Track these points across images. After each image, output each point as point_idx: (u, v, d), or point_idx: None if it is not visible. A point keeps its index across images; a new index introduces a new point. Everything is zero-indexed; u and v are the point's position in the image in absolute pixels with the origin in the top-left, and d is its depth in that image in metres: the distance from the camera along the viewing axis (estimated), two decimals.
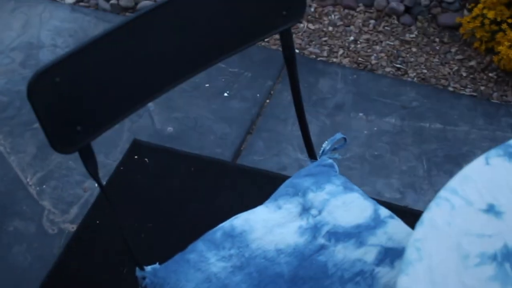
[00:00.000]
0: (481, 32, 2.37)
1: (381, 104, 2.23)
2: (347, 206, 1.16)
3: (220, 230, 1.15)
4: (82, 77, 0.94)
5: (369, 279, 1.05)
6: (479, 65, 2.37)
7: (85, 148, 0.98)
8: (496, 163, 0.97)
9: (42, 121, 0.92)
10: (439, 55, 2.41)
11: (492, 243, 0.87)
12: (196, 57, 1.07)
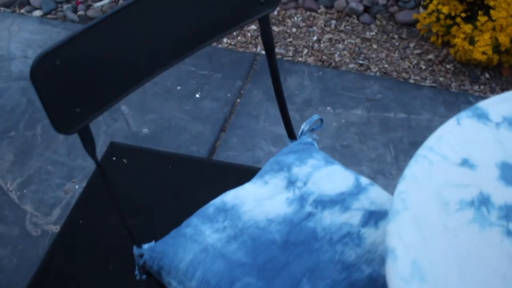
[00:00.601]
0: (437, 27, 2.49)
1: (347, 98, 2.33)
2: (330, 177, 1.24)
3: (212, 206, 1.22)
4: (80, 61, 1.01)
5: (356, 240, 1.13)
6: (437, 58, 2.49)
7: (84, 129, 1.04)
8: (466, 123, 1.07)
9: (44, 103, 0.98)
10: (399, 51, 2.52)
11: (469, 191, 0.97)
12: (183, 43, 1.14)
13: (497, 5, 2.34)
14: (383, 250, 1.12)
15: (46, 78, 0.96)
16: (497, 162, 1.00)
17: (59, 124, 1.00)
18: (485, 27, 2.34)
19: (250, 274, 1.08)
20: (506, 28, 2.31)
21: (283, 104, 1.34)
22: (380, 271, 1.09)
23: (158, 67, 1.11)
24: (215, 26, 1.17)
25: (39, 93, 0.97)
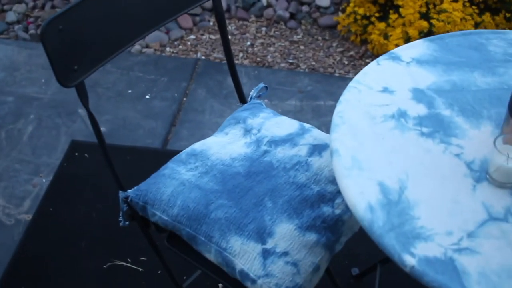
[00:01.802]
0: (355, 26, 2.84)
1: (281, 91, 2.63)
2: (279, 124, 1.52)
3: (184, 153, 1.47)
4: (78, 26, 1.25)
5: (305, 166, 1.41)
6: (357, 54, 2.83)
7: (79, 84, 1.29)
8: (384, 63, 1.37)
9: (51, 60, 1.22)
10: (323, 50, 2.85)
11: (390, 108, 1.26)
12: (154, 14, 1.41)
13: (405, 4, 2.70)
14: (327, 173, 1.40)
15: (52, 40, 1.20)
16: (409, 88, 1.30)
17: (61, 78, 1.23)
18: (396, 23, 2.70)
19: (221, 197, 1.34)
20: (414, 22, 2.67)
21: (234, 73, 1.61)
22: (326, 188, 1.37)
23: (139, 32, 1.36)
24: (176, 4, 1.43)
25: (47, 53, 1.21)
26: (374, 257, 1.88)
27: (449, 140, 1.18)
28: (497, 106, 1.26)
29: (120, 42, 1.33)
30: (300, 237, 1.27)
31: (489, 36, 1.44)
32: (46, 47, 1.19)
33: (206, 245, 1.29)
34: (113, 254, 2.01)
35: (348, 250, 1.92)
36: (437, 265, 0.98)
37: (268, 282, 1.22)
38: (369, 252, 1.96)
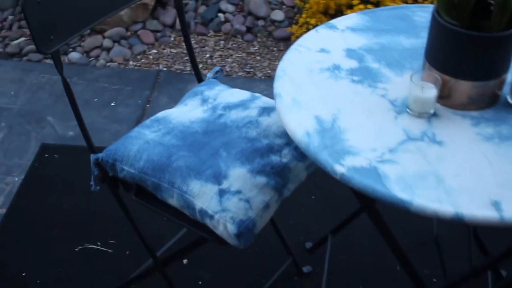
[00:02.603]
0: None
1: None
2: (233, 94, 1.71)
3: (148, 120, 1.65)
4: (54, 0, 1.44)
5: (255, 124, 1.60)
6: None
7: (55, 52, 1.47)
8: (322, 31, 1.58)
9: (31, 30, 1.40)
10: (279, 59, 3.07)
11: (326, 63, 1.47)
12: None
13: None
14: (275, 129, 1.59)
15: (32, 11, 1.38)
16: (343, 48, 1.51)
17: (40, 46, 1.41)
18: None
19: (182, 150, 1.52)
20: None
21: (192, 55, 1.81)
22: (274, 141, 1.56)
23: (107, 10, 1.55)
24: None
25: (28, 23, 1.39)
26: (326, 233, 2.06)
27: (376, 84, 1.39)
28: (419, 60, 1.47)
29: (91, 16, 1.51)
30: (251, 179, 1.45)
31: (414, 9, 1.67)
32: (27, 18, 1.36)
33: (169, 190, 1.46)
34: (84, 239, 2.16)
35: (303, 228, 2.11)
36: (362, 172, 1.17)
37: (224, 216, 1.39)
38: (321, 229, 2.14)
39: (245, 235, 1.39)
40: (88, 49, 3.09)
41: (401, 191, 1.12)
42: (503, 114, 1.32)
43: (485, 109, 1.33)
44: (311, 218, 2.21)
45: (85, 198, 2.31)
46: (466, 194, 1.12)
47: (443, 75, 1.30)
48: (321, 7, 3.03)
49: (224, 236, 1.41)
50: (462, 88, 1.30)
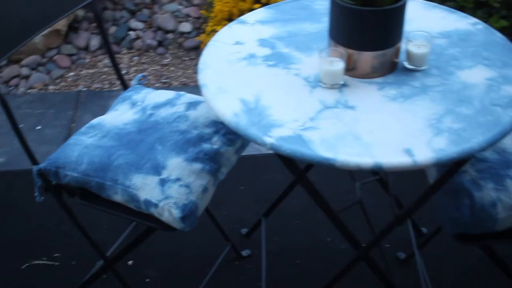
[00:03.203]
0: None
1: None
2: (159, 94, 1.84)
3: (83, 127, 1.76)
4: None
5: (184, 118, 1.73)
6: None
7: None
8: (234, 26, 1.73)
9: None
10: (192, 68, 3.21)
11: (242, 54, 1.61)
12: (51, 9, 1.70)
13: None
14: (203, 120, 1.73)
15: None
16: (256, 39, 1.67)
17: None
18: None
19: (120, 149, 1.64)
20: None
21: (116, 66, 1.93)
22: (203, 131, 1.69)
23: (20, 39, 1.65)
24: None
25: None
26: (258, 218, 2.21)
27: (289, 66, 1.55)
28: (324, 42, 1.64)
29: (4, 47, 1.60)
30: (188, 166, 1.58)
31: (314, 0, 1.84)
32: None
33: (113, 188, 1.57)
34: (29, 256, 2.23)
35: (237, 216, 2.25)
36: (289, 140, 1.32)
37: (168, 203, 1.52)
38: (253, 216, 2.29)
39: (189, 217, 1.52)
40: (7, 79, 3.13)
41: (326, 151, 1.28)
42: (403, 77, 1.51)
43: (387, 75, 1.51)
44: (242, 207, 2.35)
45: (25, 217, 2.37)
46: (381, 146, 1.29)
47: (347, 50, 1.47)
48: (225, 14, 3.19)
49: (170, 221, 1.53)
50: (365, 59, 1.48)
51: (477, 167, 1.55)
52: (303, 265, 2.14)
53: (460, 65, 1.54)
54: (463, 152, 1.28)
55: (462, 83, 1.47)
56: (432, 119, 1.36)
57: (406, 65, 1.54)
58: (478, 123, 1.34)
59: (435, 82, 1.48)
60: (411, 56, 1.52)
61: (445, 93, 1.44)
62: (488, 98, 1.42)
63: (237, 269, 2.13)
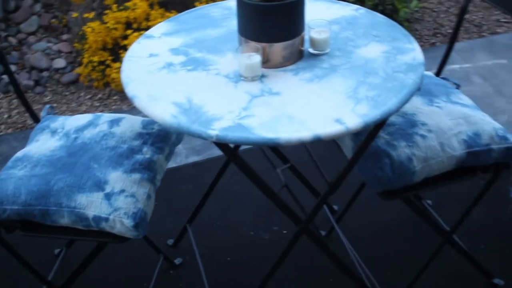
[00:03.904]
0: (95, 74, 3.26)
1: None
2: (77, 119, 1.88)
3: (9, 162, 1.76)
4: None
5: (110, 135, 1.79)
6: (105, 95, 3.25)
7: None
8: (143, 42, 1.82)
9: None
10: (75, 101, 3.23)
11: (160, 64, 1.71)
12: None
13: (130, 42, 3.20)
14: (128, 133, 1.80)
15: None
16: (168, 49, 1.76)
17: None
18: None
19: (57, 174, 1.67)
20: None
21: (26, 102, 1.95)
22: (132, 143, 1.76)
23: None
24: None
25: None
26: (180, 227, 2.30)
27: (208, 68, 1.66)
28: (230, 43, 1.77)
29: None
30: (128, 177, 1.65)
31: (208, 8, 1.97)
32: None
33: (58, 212, 1.60)
34: None
35: (159, 229, 2.32)
36: (231, 129, 1.43)
37: (118, 214, 1.58)
38: (176, 226, 2.37)
39: (141, 224, 1.59)
40: None
41: (268, 133, 1.41)
42: (312, 61, 1.67)
43: (297, 62, 1.67)
44: (162, 220, 2.42)
45: None
46: (314, 121, 1.43)
47: (259, 44, 1.61)
48: (99, 44, 3.25)
49: (123, 232, 1.59)
50: (276, 50, 1.63)
51: (387, 130, 1.74)
52: (235, 261, 2.25)
53: (357, 45, 1.73)
54: (384, 113, 1.46)
55: (363, 59, 1.66)
56: (349, 92, 1.53)
57: (311, 51, 1.70)
58: (388, 88, 1.53)
59: (340, 61, 1.66)
60: (315, 42, 1.69)
61: (352, 69, 1.62)
62: (389, 68, 1.61)
63: (174, 277, 2.20)
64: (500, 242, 2.27)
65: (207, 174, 2.52)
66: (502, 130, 1.77)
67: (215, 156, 2.75)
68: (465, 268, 2.12)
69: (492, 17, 3.81)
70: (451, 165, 1.72)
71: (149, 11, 3.25)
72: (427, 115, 1.77)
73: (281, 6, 1.56)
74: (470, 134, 1.73)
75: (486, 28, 3.69)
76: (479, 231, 2.29)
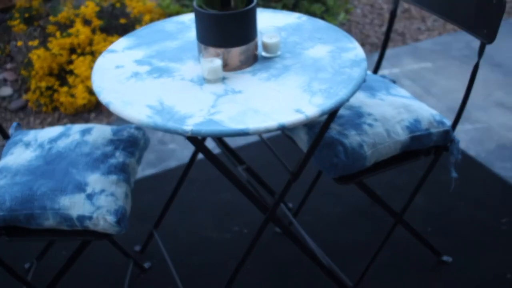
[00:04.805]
0: (43, 99, 3.36)
1: None
2: (48, 131, 2.00)
3: None
4: None
5: (83, 143, 1.91)
6: (54, 119, 3.35)
7: None
8: (107, 56, 1.97)
9: None
10: (25, 126, 3.31)
11: (127, 74, 1.86)
12: None
13: (76, 66, 3.32)
14: (101, 140, 1.93)
15: None
16: (132, 61, 1.91)
17: None
18: (77, 82, 3.30)
19: (38, 180, 1.78)
20: (90, 76, 3.30)
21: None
22: (105, 149, 1.90)
23: None
24: None
25: None
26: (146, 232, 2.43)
27: (172, 74, 1.82)
28: (188, 52, 1.93)
29: None
30: (106, 179, 1.78)
31: (163, 23, 2.14)
32: None
33: (43, 214, 1.72)
34: None
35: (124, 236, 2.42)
36: (204, 125, 1.59)
37: (101, 212, 1.71)
38: (140, 233, 2.49)
39: (123, 220, 1.73)
40: None
41: (237, 125, 1.58)
42: (266, 63, 1.86)
43: (253, 64, 1.85)
44: (135, 225, 2.54)
45: None
46: (276, 112, 1.61)
47: (218, 49, 1.79)
48: (46, 70, 3.35)
49: (106, 228, 1.72)
50: (233, 55, 1.80)
51: (338, 122, 1.94)
52: (202, 261, 2.39)
53: (304, 47, 1.93)
54: (337, 102, 1.66)
55: (312, 59, 1.86)
56: (303, 86, 1.72)
57: (264, 55, 1.89)
58: (338, 81, 1.73)
59: (292, 62, 1.85)
60: (267, 46, 1.88)
61: (303, 67, 1.82)
62: (336, 64, 1.82)
63: (146, 281, 2.32)
64: (443, 224, 2.50)
65: (165, 184, 2.67)
66: (439, 115, 2.00)
67: (170, 168, 2.88)
68: (416, 248, 2.34)
69: (413, 26, 4.11)
70: (397, 149, 1.93)
71: (92, 36, 3.38)
72: (372, 107, 1.98)
73: (236, 14, 1.74)
74: (411, 120, 1.95)
75: (409, 36, 3.98)
76: (424, 216, 2.52)
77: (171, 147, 3.08)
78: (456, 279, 2.26)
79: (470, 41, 3.87)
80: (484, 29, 1.83)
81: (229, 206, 2.64)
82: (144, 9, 3.48)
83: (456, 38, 3.97)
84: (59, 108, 3.32)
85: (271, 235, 2.47)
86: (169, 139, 3.12)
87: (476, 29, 1.87)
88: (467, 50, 3.79)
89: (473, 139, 3.00)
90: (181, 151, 3.04)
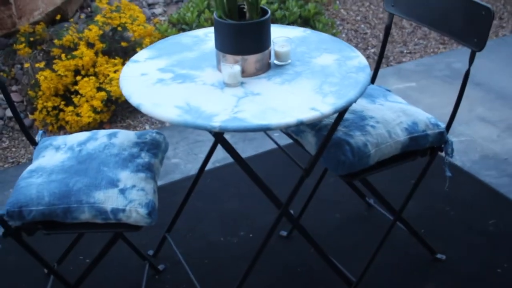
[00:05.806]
0: (49, 118, 3.51)
1: None
2: (77, 136, 2.15)
3: (24, 173, 2.01)
4: None
5: (111, 145, 2.07)
6: None
7: None
8: (131, 65, 2.15)
9: None
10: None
11: (152, 79, 2.03)
12: None
13: (81, 86, 3.49)
14: (127, 142, 2.10)
15: None
16: (156, 69, 2.09)
17: None
18: (82, 102, 3.46)
19: (73, 178, 1.94)
20: (94, 96, 3.47)
21: (22, 124, 2.21)
22: (132, 150, 2.06)
23: None
24: None
25: None
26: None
27: (195, 80, 2.00)
28: (206, 61, 2.11)
29: None
30: (136, 176, 1.95)
31: (179, 37, 2.32)
32: None
33: (79, 208, 1.88)
34: None
35: (140, 241, 2.57)
36: (230, 121, 1.77)
37: (133, 205, 1.87)
38: (153, 238, 2.64)
39: (153, 212, 1.89)
40: None
41: (260, 121, 1.76)
42: (279, 70, 2.05)
43: (267, 71, 2.04)
44: (137, 234, 2.68)
45: None
46: (294, 110, 1.80)
47: (236, 56, 1.98)
48: (52, 90, 3.51)
49: (138, 220, 1.88)
50: (250, 62, 1.99)
51: (343, 125, 2.13)
52: (211, 263, 2.55)
53: (312, 56, 2.12)
54: (347, 102, 1.85)
55: (320, 66, 2.05)
56: (315, 89, 1.91)
57: (276, 63, 2.08)
58: (346, 85, 1.93)
59: (302, 68, 2.04)
60: (279, 54, 2.07)
61: (313, 73, 2.01)
62: (343, 70, 2.01)
63: (161, 282, 2.47)
64: (435, 227, 2.69)
65: (171, 195, 2.83)
66: (434, 119, 2.20)
67: (175, 180, 3.05)
68: (412, 248, 2.52)
69: (396, 49, 4.35)
70: (398, 149, 2.12)
71: (95, 58, 3.55)
72: (373, 111, 2.18)
73: (253, 24, 1.93)
74: (409, 123, 2.15)
75: (392, 59, 4.22)
76: (417, 220, 2.71)
77: (174, 161, 3.24)
78: (450, 274, 2.44)
79: (451, 63, 4.12)
80: (474, 38, 2.04)
81: (235, 213, 2.80)
82: (144, 32, 3.67)
83: (437, 60, 4.22)
84: (65, 126, 3.46)
85: (276, 239, 2.63)
86: (171, 155, 3.28)
87: (467, 38, 2.08)
88: (448, 71, 4.03)
89: (458, 150, 3.20)
90: (184, 165, 3.21)
